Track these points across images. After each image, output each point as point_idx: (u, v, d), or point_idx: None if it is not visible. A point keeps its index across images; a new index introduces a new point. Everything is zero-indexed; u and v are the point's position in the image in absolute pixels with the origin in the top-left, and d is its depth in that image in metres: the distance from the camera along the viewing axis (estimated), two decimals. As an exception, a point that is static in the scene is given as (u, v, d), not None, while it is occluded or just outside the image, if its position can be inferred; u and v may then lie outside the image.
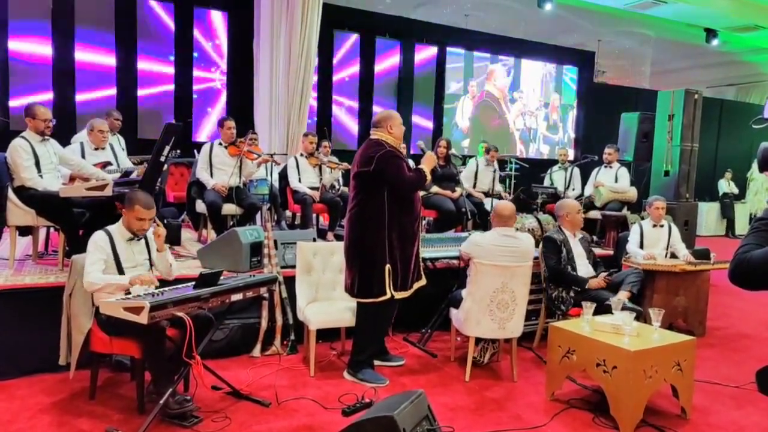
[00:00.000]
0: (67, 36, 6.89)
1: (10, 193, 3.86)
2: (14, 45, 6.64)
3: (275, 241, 4.10)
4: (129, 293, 2.81)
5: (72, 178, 4.27)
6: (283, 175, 5.80)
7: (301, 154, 5.74)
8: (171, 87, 7.64)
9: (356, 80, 9.17)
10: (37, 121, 3.91)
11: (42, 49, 6.79)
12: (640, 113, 7.15)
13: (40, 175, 3.87)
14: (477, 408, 3.16)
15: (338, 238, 5.19)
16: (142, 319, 2.48)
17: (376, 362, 3.57)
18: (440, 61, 9.99)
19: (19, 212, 3.86)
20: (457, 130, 10.30)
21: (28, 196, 3.83)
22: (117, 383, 3.31)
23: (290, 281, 3.90)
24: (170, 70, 7.61)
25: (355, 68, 9.14)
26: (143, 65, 7.43)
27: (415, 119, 9.71)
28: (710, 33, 9.70)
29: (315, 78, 7.30)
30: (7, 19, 6.56)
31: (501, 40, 10.33)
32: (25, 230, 4.11)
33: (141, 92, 7.44)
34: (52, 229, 4.58)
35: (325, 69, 8.70)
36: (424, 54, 9.83)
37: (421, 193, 3.60)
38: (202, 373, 2.85)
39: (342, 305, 3.64)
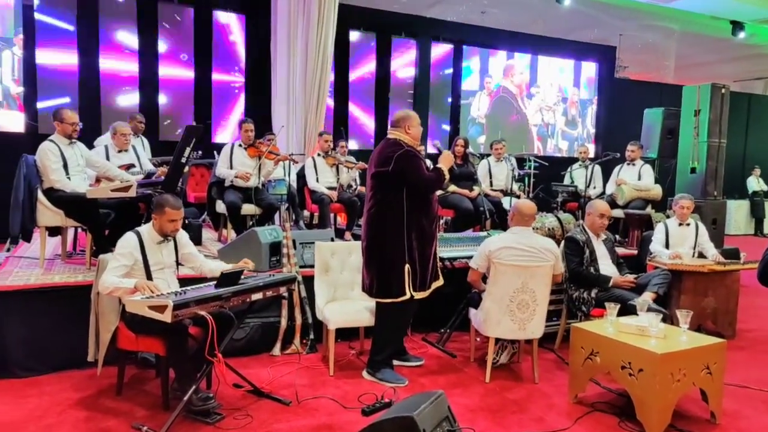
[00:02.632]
0: (91, 43, 7.02)
1: (40, 195, 3.96)
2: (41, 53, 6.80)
3: (294, 241, 4.13)
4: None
5: (98, 180, 4.37)
6: (301, 175, 5.85)
7: (318, 154, 5.78)
8: (191, 89, 7.73)
9: (372, 79, 9.17)
10: (65, 124, 4.01)
11: (68, 56, 6.93)
12: (664, 109, 7.01)
13: (68, 177, 3.97)
14: (498, 410, 3.13)
15: (356, 237, 5.21)
16: (166, 317, 2.53)
17: (395, 362, 3.57)
18: (456, 59, 9.94)
19: (48, 213, 3.96)
20: (473, 126, 10.23)
21: (56, 197, 3.93)
22: (142, 380, 3.37)
23: (309, 281, 3.92)
24: (190, 73, 7.71)
25: (371, 67, 9.15)
26: (164, 69, 7.54)
27: (432, 118, 9.67)
28: (736, 25, 9.45)
29: (332, 78, 7.32)
30: (34, 27, 6.71)
31: (518, 37, 10.23)
32: (54, 230, 4.22)
33: (162, 95, 7.55)
34: (79, 230, 4.69)
35: (342, 69, 8.71)
36: (440, 52, 9.78)
37: (439, 193, 3.58)
38: (224, 371, 2.90)
39: (360, 305, 3.65)
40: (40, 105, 6.79)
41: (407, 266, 3.29)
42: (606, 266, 4.04)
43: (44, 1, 6.75)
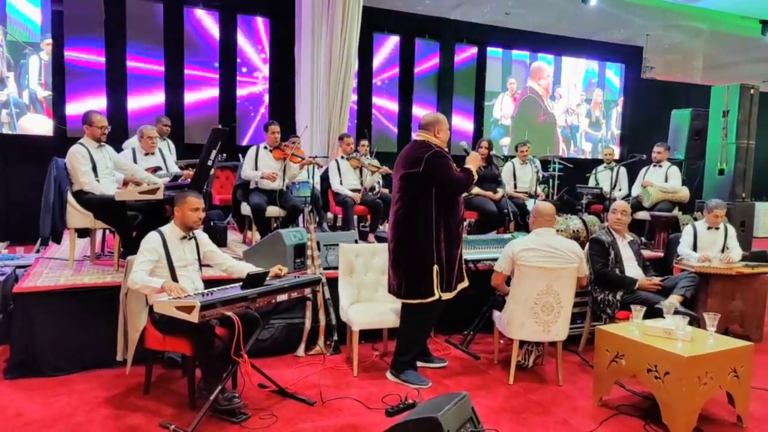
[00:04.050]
0: (118, 47, 7.19)
1: (70, 197, 4.06)
2: (70, 55, 6.98)
3: (318, 243, 4.16)
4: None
5: (125, 183, 4.46)
6: (325, 178, 5.89)
7: (342, 157, 5.81)
8: (216, 92, 7.86)
9: (396, 82, 9.20)
10: (94, 128, 4.10)
11: (95, 59, 7.11)
12: (692, 110, 6.89)
13: (97, 180, 4.05)
14: (522, 411, 3.12)
15: (379, 239, 5.23)
16: (193, 318, 2.57)
17: (419, 363, 3.57)
18: (480, 60, 9.91)
19: (78, 215, 4.05)
20: (495, 128, 10.18)
21: (86, 199, 4.01)
22: (169, 379, 3.43)
23: (333, 282, 3.95)
24: (215, 76, 7.84)
25: (395, 70, 9.18)
26: (190, 72, 7.68)
27: (455, 120, 9.66)
28: (766, 25, 9.25)
29: (355, 81, 7.37)
30: (63, 32, 6.90)
31: (542, 38, 10.16)
32: (83, 232, 4.31)
33: (188, 98, 7.68)
34: (107, 231, 4.79)
35: (365, 71, 8.77)
36: (464, 54, 9.77)
37: (463, 195, 3.58)
38: (249, 371, 2.93)
39: (385, 306, 3.66)
40: (68, 108, 6.95)
41: (436, 267, 3.29)
42: (632, 268, 3.99)
43: (72, 7, 6.92)
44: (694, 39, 10.57)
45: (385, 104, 9.15)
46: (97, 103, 7.06)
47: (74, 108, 6.94)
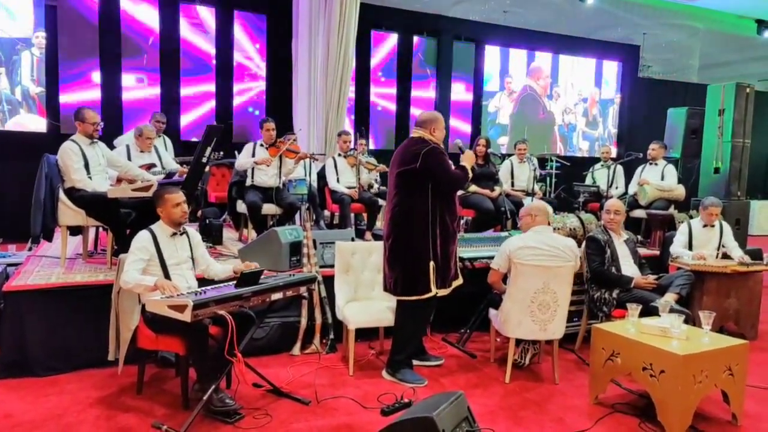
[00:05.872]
0: (114, 45, 7.13)
1: (61, 194, 4.01)
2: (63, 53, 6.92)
3: (314, 241, 4.13)
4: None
5: (119, 180, 4.42)
6: (322, 175, 5.86)
7: (339, 154, 5.79)
8: (212, 88, 7.81)
9: (394, 79, 9.17)
10: (86, 124, 4.06)
11: (90, 56, 7.06)
12: (688, 108, 6.91)
13: (89, 177, 4.00)
14: (518, 410, 3.10)
15: (376, 237, 5.20)
16: (186, 317, 2.54)
17: (415, 362, 3.56)
18: (478, 58, 9.90)
19: (69, 212, 4.00)
20: (492, 127, 10.18)
21: (78, 197, 3.97)
22: (162, 379, 3.40)
23: (329, 281, 3.92)
24: (211, 72, 7.79)
25: (392, 67, 9.15)
26: (185, 67, 7.63)
27: (453, 117, 9.65)
28: (762, 24, 9.30)
29: (353, 78, 7.33)
30: (56, 27, 6.84)
31: (540, 36, 10.15)
32: (75, 230, 4.27)
33: (184, 92, 7.62)
34: (100, 229, 4.75)
35: (363, 68, 8.74)
36: (462, 52, 9.76)
37: (460, 193, 3.57)
38: (244, 370, 2.91)
39: (381, 305, 3.64)
40: (62, 105, 6.87)
41: (432, 263, 3.28)
42: (628, 267, 3.98)
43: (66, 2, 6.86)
44: (691, 38, 10.60)
45: (383, 102, 9.13)
46: (91, 98, 7.00)
47: (68, 104, 6.88)
